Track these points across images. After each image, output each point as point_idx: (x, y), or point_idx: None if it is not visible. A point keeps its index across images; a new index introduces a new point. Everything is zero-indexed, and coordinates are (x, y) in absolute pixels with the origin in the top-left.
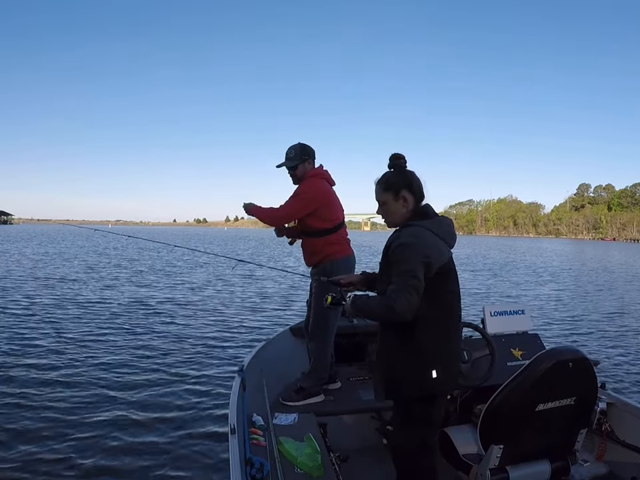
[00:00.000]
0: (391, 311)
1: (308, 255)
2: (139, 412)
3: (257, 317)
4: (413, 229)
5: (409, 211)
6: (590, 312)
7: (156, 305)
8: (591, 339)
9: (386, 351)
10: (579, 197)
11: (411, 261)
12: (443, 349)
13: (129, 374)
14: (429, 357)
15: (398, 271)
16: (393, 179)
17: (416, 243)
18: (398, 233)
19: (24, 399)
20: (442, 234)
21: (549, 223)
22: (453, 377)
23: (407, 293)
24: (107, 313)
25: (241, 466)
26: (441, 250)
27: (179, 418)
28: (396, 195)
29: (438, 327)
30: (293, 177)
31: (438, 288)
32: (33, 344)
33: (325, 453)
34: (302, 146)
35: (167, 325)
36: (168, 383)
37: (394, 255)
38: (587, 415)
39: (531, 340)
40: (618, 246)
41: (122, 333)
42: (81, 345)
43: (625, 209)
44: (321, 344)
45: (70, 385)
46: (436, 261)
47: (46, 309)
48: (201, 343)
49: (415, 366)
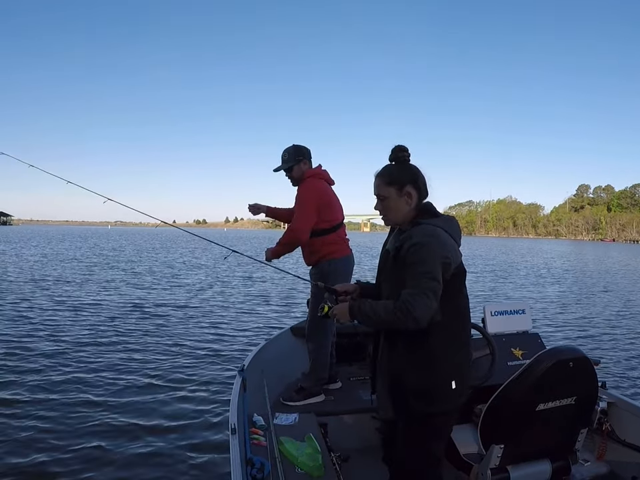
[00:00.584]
0: (408, 318)
1: (307, 254)
2: (138, 412)
3: (258, 317)
4: (426, 227)
5: (412, 209)
6: (591, 312)
7: (155, 306)
8: (592, 339)
9: (394, 362)
10: (579, 198)
11: (429, 262)
12: (460, 356)
13: (127, 375)
14: (447, 367)
15: (414, 273)
16: (398, 173)
17: (433, 243)
18: (409, 233)
19: (17, 404)
20: (453, 233)
21: (549, 223)
22: (468, 387)
23: (425, 297)
24: (106, 314)
25: (241, 466)
26: (456, 249)
27: (180, 418)
28: (399, 190)
29: (453, 333)
30: (291, 179)
31: (453, 290)
32: (28, 347)
33: (326, 452)
34: (295, 147)
35: (166, 326)
36: (168, 383)
37: (409, 256)
38: (587, 414)
39: (532, 339)
40: (617, 247)
41: (121, 335)
42: (79, 346)
43: (624, 209)
44: (318, 345)
45: (69, 384)
46: (453, 261)
47: (44, 310)
48: (201, 343)
49: (431, 377)
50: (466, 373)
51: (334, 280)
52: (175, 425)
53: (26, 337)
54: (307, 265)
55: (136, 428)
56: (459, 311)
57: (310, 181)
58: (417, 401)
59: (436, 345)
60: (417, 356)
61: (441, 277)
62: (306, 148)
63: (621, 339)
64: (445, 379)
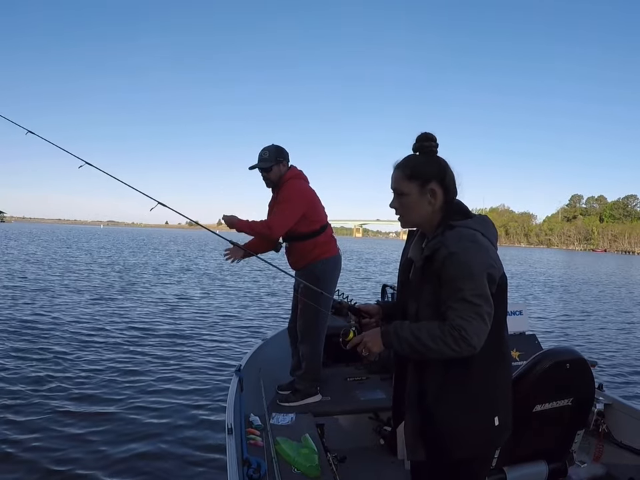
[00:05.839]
0: (462, 346)
1: (296, 259)
2: (136, 412)
3: (254, 316)
4: (463, 231)
5: (436, 210)
6: (588, 314)
7: (152, 305)
8: (589, 340)
9: (428, 395)
10: (571, 208)
11: (476, 276)
12: (503, 384)
13: (124, 374)
14: (492, 400)
15: (458, 290)
16: (422, 166)
17: (475, 251)
18: (441, 239)
19: (10, 403)
20: (491, 236)
21: (541, 233)
22: (511, 421)
23: (481, 320)
24: (104, 314)
25: (238, 466)
26: (498, 256)
27: (176, 418)
28: (422, 186)
29: (497, 356)
30: (266, 180)
31: (497, 307)
32: (21, 345)
33: (322, 453)
34: (277, 147)
35: (163, 325)
36: (165, 382)
37: (446, 268)
38: (584, 416)
39: (529, 341)
40: (609, 257)
41: (118, 334)
42: (76, 344)
43: (616, 220)
44: (311, 347)
45: (67, 385)
46: (498, 271)
47: (42, 310)
48: (198, 343)
49: (476, 413)
50: (509, 404)
51: (324, 281)
52: (172, 425)
53: (22, 331)
54: (295, 269)
55: (132, 427)
56: (502, 328)
57: (296, 182)
58: (453, 442)
59: (479, 373)
60: (454, 387)
61: (489, 292)
62: (285, 150)
63: (618, 341)
64: (489, 413)
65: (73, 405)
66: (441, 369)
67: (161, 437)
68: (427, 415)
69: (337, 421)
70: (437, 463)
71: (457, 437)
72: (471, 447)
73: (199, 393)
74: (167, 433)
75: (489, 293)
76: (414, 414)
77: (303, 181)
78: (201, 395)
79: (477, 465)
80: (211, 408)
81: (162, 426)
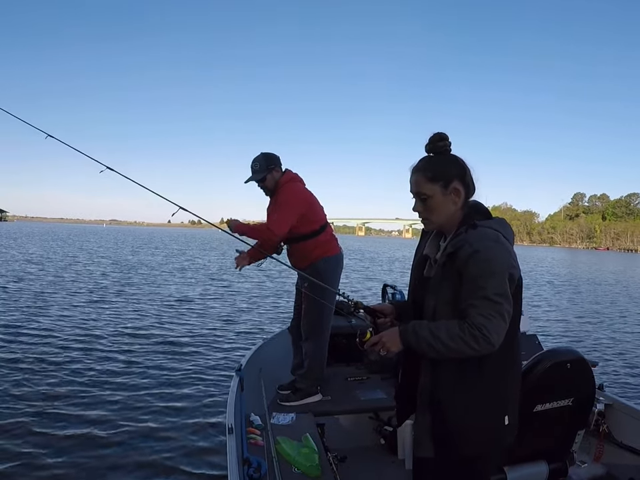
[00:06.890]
0: (482, 344)
1: (299, 260)
2: (135, 412)
3: (255, 316)
4: (486, 231)
5: (458, 208)
6: (588, 314)
7: (152, 305)
8: (590, 340)
9: (440, 392)
10: (574, 206)
11: (498, 275)
12: (514, 384)
13: (124, 374)
14: (502, 399)
15: (480, 288)
16: (443, 167)
17: (498, 250)
18: (465, 237)
19: (11, 404)
20: (510, 238)
21: (543, 231)
22: (517, 421)
23: (502, 319)
24: (104, 313)
25: (238, 466)
26: (517, 258)
27: (176, 418)
28: (445, 187)
29: (511, 356)
30: (264, 189)
31: (513, 307)
32: (20, 345)
33: (323, 452)
34: (265, 155)
35: (163, 325)
36: (165, 382)
37: (470, 266)
38: (584, 416)
39: (529, 341)
40: (611, 255)
41: (118, 333)
42: (75, 344)
43: (619, 218)
44: (315, 345)
45: (66, 385)
46: (518, 272)
47: (41, 309)
48: (198, 342)
49: (487, 412)
50: (517, 404)
51: (327, 279)
52: (172, 425)
53: (19, 333)
54: (298, 268)
55: (132, 427)
56: (516, 328)
57: (292, 185)
58: (462, 439)
59: (493, 371)
60: (468, 385)
61: (510, 291)
62: (275, 155)
63: (618, 341)
64: (500, 412)
65: (72, 405)
66: (454, 366)
67: (161, 437)
68: (439, 412)
69: (337, 420)
70: (444, 459)
71: (466, 434)
72: (480, 444)
73: (199, 392)
74: (166, 433)
75: (510, 292)
76: (425, 410)
77: (298, 183)
78: (201, 394)
79: (483, 464)
80: (211, 407)
81: (162, 425)
